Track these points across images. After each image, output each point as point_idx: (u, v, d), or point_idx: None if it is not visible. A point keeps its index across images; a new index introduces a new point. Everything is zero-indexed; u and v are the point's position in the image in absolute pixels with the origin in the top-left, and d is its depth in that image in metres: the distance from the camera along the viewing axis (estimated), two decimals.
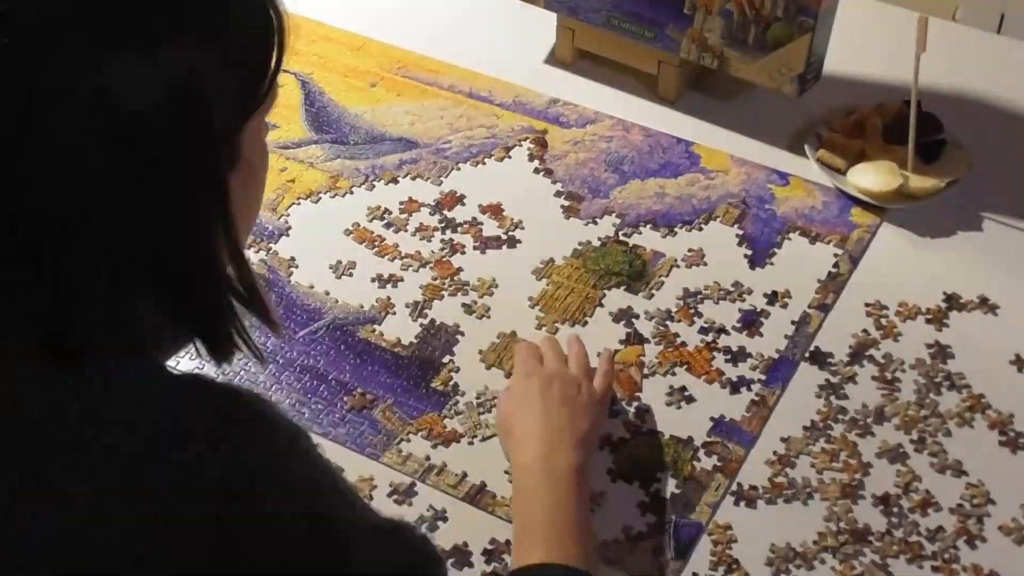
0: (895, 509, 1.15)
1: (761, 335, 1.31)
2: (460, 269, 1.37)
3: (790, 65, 1.44)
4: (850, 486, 1.17)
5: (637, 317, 1.32)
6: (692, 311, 1.32)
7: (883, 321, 1.31)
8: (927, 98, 1.46)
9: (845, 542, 1.13)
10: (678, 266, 1.38)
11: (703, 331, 1.31)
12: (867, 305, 1.33)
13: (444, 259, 1.38)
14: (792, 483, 1.17)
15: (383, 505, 1.17)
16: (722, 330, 1.31)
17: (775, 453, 1.20)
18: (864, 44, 1.63)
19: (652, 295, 1.35)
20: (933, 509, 1.15)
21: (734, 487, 1.18)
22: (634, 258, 1.39)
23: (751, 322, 1.32)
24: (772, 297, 1.34)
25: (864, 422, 1.22)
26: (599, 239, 1.41)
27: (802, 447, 1.20)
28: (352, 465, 1.20)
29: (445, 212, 1.44)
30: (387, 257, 1.39)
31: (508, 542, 1.13)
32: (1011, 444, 1.21)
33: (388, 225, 1.42)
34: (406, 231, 1.42)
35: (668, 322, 1.31)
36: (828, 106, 1.53)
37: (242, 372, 1.27)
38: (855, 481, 1.18)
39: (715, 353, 1.29)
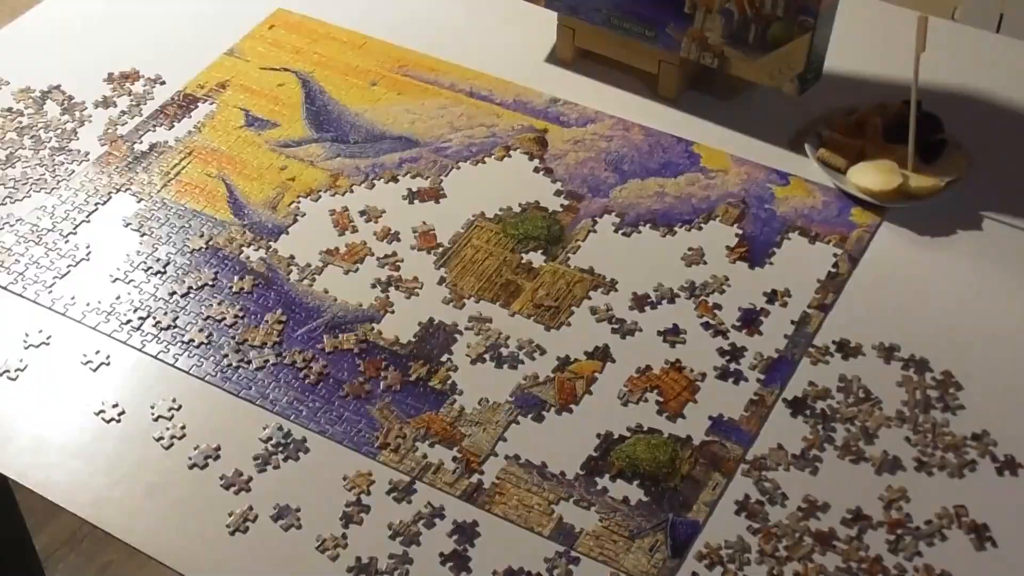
0: (864, 523, 1.15)
1: (761, 334, 1.31)
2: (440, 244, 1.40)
3: (790, 64, 1.44)
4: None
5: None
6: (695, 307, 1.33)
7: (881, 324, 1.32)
8: (927, 97, 1.46)
9: (813, 548, 1.13)
10: (595, 231, 1.40)
11: (706, 327, 1.32)
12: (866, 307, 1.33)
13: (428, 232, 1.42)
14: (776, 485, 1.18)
15: (381, 503, 1.17)
16: (721, 331, 1.32)
17: (759, 457, 1.20)
18: (864, 43, 1.63)
19: (568, 258, 1.38)
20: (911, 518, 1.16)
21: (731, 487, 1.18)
22: (553, 223, 1.41)
23: (750, 321, 1.32)
24: (772, 296, 1.34)
25: (861, 426, 1.23)
26: (520, 205, 1.43)
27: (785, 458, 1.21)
28: (349, 463, 1.20)
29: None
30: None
31: (508, 542, 1.13)
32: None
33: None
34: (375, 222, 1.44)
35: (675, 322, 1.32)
36: (828, 106, 1.53)
37: (240, 368, 1.28)
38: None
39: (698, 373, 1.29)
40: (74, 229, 1.44)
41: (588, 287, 1.36)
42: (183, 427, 1.24)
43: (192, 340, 1.31)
